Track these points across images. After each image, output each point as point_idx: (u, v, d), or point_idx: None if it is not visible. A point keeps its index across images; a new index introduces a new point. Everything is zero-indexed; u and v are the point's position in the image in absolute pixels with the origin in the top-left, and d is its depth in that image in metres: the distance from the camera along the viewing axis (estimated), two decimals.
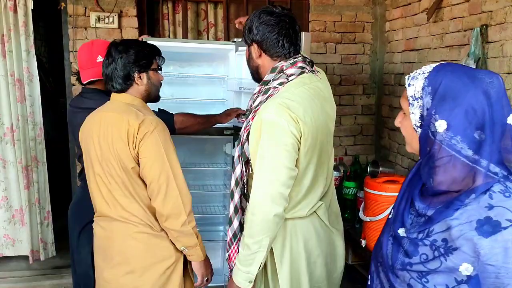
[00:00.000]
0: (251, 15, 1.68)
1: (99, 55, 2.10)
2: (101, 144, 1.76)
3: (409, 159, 3.22)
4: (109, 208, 1.78)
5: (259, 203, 1.53)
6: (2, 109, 3.18)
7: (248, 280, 1.58)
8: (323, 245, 1.71)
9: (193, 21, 3.52)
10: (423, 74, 1.05)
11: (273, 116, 1.51)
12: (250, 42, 1.68)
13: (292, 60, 1.64)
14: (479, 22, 2.44)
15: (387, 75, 3.54)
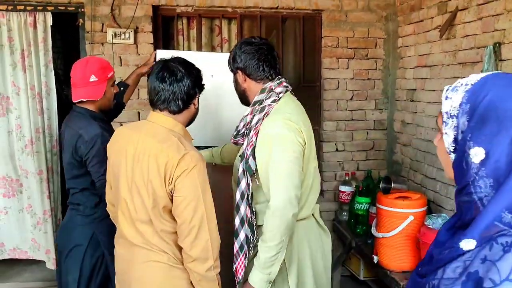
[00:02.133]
0: (234, 47, 1.94)
1: (92, 75, 2.10)
2: (134, 169, 1.66)
3: (422, 175, 3.21)
4: (131, 234, 1.71)
5: (280, 208, 1.71)
6: (22, 122, 3.27)
7: (268, 281, 1.74)
8: (318, 242, 1.97)
9: (207, 37, 3.58)
10: (465, 86, 0.86)
11: (282, 129, 1.74)
12: (235, 70, 1.92)
13: (278, 80, 1.88)
14: (492, 40, 2.45)
15: (399, 91, 3.55)
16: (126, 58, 3.31)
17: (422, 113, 3.20)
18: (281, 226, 1.70)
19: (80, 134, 2.08)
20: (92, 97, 2.13)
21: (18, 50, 3.19)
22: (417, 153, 3.29)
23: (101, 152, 2.05)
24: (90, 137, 2.06)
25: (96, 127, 2.10)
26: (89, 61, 2.17)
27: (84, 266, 2.16)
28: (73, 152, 2.10)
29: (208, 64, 2.87)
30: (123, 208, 1.72)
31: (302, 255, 1.91)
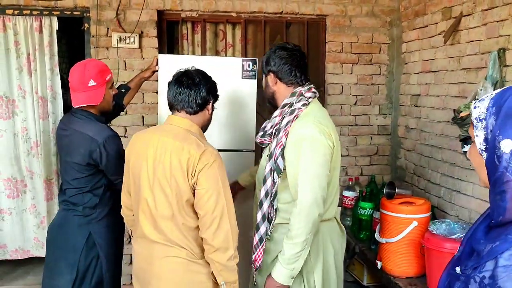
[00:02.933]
0: (268, 51, 2.02)
1: (91, 79, 2.08)
2: (156, 168, 1.76)
3: (426, 180, 3.21)
4: (151, 231, 1.79)
5: (309, 207, 1.79)
6: (28, 125, 3.31)
7: (292, 276, 1.82)
8: (340, 242, 2.06)
9: (211, 42, 3.60)
10: (490, 96, 0.98)
11: (313, 132, 1.82)
12: (267, 72, 1.99)
13: (307, 86, 1.97)
14: (497, 45, 2.45)
15: (403, 96, 3.55)
16: (131, 63, 3.33)
17: (426, 118, 3.20)
18: (307, 225, 1.79)
19: (90, 136, 2.08)
20: (92, 102, 2.13)
21: (24, 54, 3.22)
22: (421, 158, 3.28)
23: (118, 152, 2.10)
24: (103, 139, 2.08)
25: (108, 130, 2.15)
26: (86, 65, 2.14)
27: (79, 267, 2.15)
28: (86, 155, 2.08)
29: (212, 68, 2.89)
30: (144, 208, 1.80)
31: (327, 254, 1.98)
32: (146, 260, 1.83)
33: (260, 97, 3.20)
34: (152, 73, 2.81)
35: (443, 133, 2.99)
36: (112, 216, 2.24)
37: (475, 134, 0.97)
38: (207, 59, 3.15)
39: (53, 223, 2.28)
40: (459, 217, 2.79)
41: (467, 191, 2.72)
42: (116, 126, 3.34)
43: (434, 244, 2.43)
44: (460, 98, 2.76)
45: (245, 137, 2.94)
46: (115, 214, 2.23)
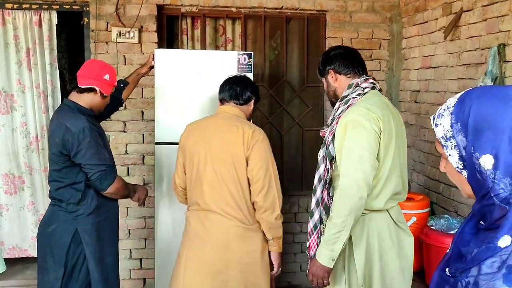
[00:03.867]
0: (322, 56, 2.14)
1: (107, 74, 2.22)
2: (213, 147, 2.15)
3: (425, 176, 3.21)
4: (211, 201, 2.15)
5: (347, 187, 1.81)
6: (28, 120, 3.30)
7: (331, 258, 1.83)
8: (393, 240, 1.96)
9: (211, 37, 3.59)
10: (448, 110, 0.93)
11: (357, 116, 1.85)
12: (326, 71, 2.09)
13: (364, 77, 2.04)
14: (497, 41, 2.44)
15: (403, 92, 3.54)
16: (130, 57, 3.33)
17: (425, 114, 3.19)
18: (346, 206, 1.80)
19: (66, 127, 2.08)
20: (103, 90, 2.21)
21: (24, 49, 3.22)
22: (421, 154, 3.28)
23: (92, 144, 2.09)
24: (78, 130, 2.07)
25: (83, 120, 2.12)
26: (106, 65, 2.29)
27: (67, 264, 2.14)
28: (60, 145, 2.09)
29: (208, 62, 2.89)
30: (205, 183, 2.16)
31: (371, 247, 1.93)
32: (203, 229, 2.17)
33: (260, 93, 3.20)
34: (149, 68, 2.82)
35: None
36: (101, 213, 2.23)
37: (447, 154, 0.94)
38: (203, 53, 3.15)
39: (42, 219, 2.29)
40: (458, 213, 2.79)
41: None
42: (115, 121, 3.34)
43: (433, 239, 2.44)
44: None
45: None
46: (104, 211, 2.24)
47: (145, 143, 3.40)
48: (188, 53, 3.13)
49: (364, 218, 1.90)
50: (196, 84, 2.87)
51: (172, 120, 2.90)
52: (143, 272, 3.51)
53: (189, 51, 3.30)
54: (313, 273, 1.87)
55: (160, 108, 2.89)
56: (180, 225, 2.98)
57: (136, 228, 3.46)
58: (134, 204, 3.43)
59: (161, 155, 2.92)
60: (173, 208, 2.96)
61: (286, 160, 3.75)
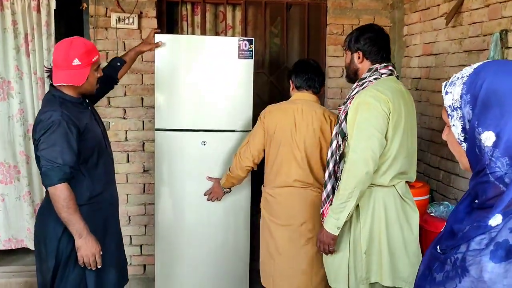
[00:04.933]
0: (356, 30, 2.22)
1: (76, 58, 1.98)
2: (301, 126, 2.45)
3: (425, 164, 3.20)
4: (298, 177, 2.46)
5: (355, 162, 1.95)
6: (26, 107, 3.27)
7: (337, 226, 1.99)
8: (399, 213, 2.07)
9: (211, 23, 3.56)
10: (461, 79, 0.91)
11: (368, 97, 1.97)
12: (355, 50, 2.15)
13: (385, 63, 2.13)
14: (499, 27, 2.42)
15: (404, 80, 3.52)
16: (130, 43, 3.30)
17: (426, 101, 3.18)
18: (353, 179, 1.94)
19: (40, 118, 1.99)
20: (74, 82, 2.01)
21: (22, 34, 3.18)
22: (421, 142, 3.27)
23: (52, 138, 1.94)
24: (47, 122, 1.95)
25: (57, 114, 1.96)
26: (73, 42, 2.02)
27: (58, 255, 2.05)
28: (33, 135, 2.03)
29: (208, 48, 2.87)
30: (293, 159, 2.45)
31: (377, 221, 2.05)
32: (288, 199, 2.50)
33: (259, 79, 3.19)
34: (151, 47, 2.77)
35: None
36: (94, 203, 2.11)
37: (451, 123, 0.93)
38: (204, 38, 3.12)
39: (39, 208, 2.23)
40: (458, 200, 2.79)
41: (466, 174, 2.72)
42: (115, 108, 3.34)
43: (432, 226, 2.45)
44: None
45: (242, 118, 2.93)
46: (98, 201, 2.14)
47: (145, 129, 3.39)
48: (189, 38, 3.11)
49: (371, 191, 2.04)
50: (197, 70, 2.86)
51: (172, 107, 2.89)
52: (143, 258, 3.52)
53: (190, 37, 3.28)
54: (320, 240, 2.06)
55: (160, 95, 2.88)
56: (180, 212, 2.99)
57: (136, 214, 3.47)
58: (134, 191, 3.44)
59: (161, 141, 2.92)
60: (173, 195, 2.97)
61: None
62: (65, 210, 1.96)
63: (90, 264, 2.02)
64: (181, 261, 3.00)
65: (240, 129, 2.94)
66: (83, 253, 2.00)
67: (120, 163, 3.32)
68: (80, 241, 1.99)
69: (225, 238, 3.06)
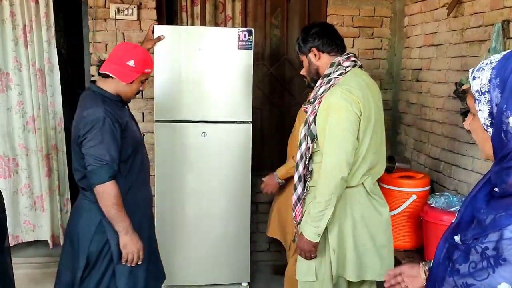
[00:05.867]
0: (300, 33, 2.14)
1: (132, 60, 2.02)
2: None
3: (425, 155, 3.20)
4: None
5: (331, 169, 1.91)
6: (25, 99, 3.26)
7: (317, 233, 1.95)
8: (364, 209, 2.06)
9: (211, 14, 3.54)
10: (490, 64, 0.91)
11: (339, 99, 1.91)
12: (308, 50, 2.09)
13: (346, 55, 2.07)
14: (501, 17, 2.41)
15: (404, 71, 3.51)
16: (129, 35, 3.28)
17: (427, 93, 3.17)
18: (329, 186, 1.91)
19: (83, 116, 1.98)
20: (120, 77, 2.02)
21: (20, 26, 3.17)
22: (421, 133, 3.27)
23: (98, 136, 1.93)
24: (91, 119, 1.94)
25: (100, 110, 1.97)
26: (137, 46, 2.12)
27: (90, 255, 2.04)
28: (75, 133, 2.00)
29: (207, 39, 2.86)
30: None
31: (343, 222, 2.04)
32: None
33: (260, 70, 3.18)
34: (153, 43, 2.77)
35: (444, 107, 2.97)
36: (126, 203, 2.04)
37: (477, 108, 0.92)
38: (203, 29, 3.11)
39: (73, 207, 2.20)
40: (458, 192, 2.79)
41: (467, 165, 2.71)
42: None
43: (433, 217, 2.45)
44: (462, 72, 2.73)
45: (242, 109, 2.93)
46: (131, 202, 2.08)
47: (145, 121, 3.38)
48: (188, 29, 3.09)
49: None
50: (196, 61, 2.85)
51: (172, 98, 2.88)
52: None
53: (189, 28, 3.26)
54: (302, 248, 2.01)
55: (160, 86, 2.87)
56: (180, 203, 2.99)
57: None
58: None
59: (161, 133, 2.91)
60: (174, 187, 2.97)
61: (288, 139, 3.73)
62: (114, 207, 1.96)
63: (134, 260, 2.03)
64: (182, 252, 3.01)
65: (240, 120, 2.93)
66: (129, 250, 2.01)
67: None
68: (126, 238, 2.00)
69: (226, 229, 3.06)
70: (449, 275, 0.95)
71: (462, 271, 0.92)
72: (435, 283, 1.02)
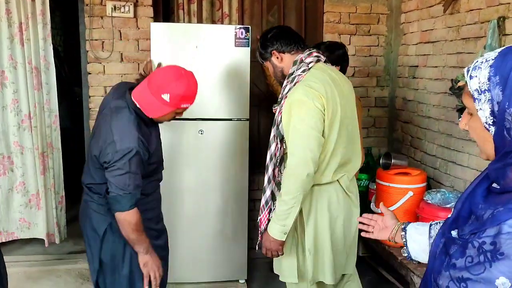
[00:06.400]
0: (258, 41, 2.12)
1: (168, 94, 1.83)
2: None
3: (422, 152, 3.21)
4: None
5: (295, 166, 1.87)
6: (20, 96, 3.24)
7: (284, 232, 1.92)
8: (341, 208, 2.04)
9: (208, 11, 3.53)
10: (487, 62, 0.90)
11: (301, 95, 1.88)
12: (270, 54, 2.07)
13: (308, 51, 2.02)
14: (497, 14, 2.42)
15: (401, 68, 3.52)
16: (126, 32, 3.28)
17: (423, 89, 3.18)
18: (295, 183, 1.87)
19: (114, 140, 1.85)
20: (147, 110, 1.89)
21: (16, 23, 3.15)
22: (418, 130, 3.28)
23: (126, 166, 1.84)
24: (122, 149, 1.83)
25: (134, 140, 1.85)
26: (179, 79, 1.85)
27: (103, 256, 2.01)
28: (100, 151, 1.89)
29: (205, 36, 2.85)
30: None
31: (320, 218, 2.02)
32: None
33: (257, 68, 3.17)
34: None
35: (440, 104, 2.98)
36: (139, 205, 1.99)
37: (477, 107, 0.89)
38: (200, 26, 3.11)
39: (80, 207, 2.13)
40: (454, 188, 2.80)
41: (463, 161, 2.73)
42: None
43: (429, 213, 2.46)
44: (458, 68, 2.74)
45: (239, 106, 2.93)
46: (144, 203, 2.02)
47: None
48: (185, 27, 3.09)
49: (313, 190, 1.98)
50: (193, 59, 2.84)
51: None
52: None
53: (186, 25, 3.25)
54: (267, 247, 1.99)
55: None
56: (178, 200, 2.99)
57: None
58: None
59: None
60: (171, 184, 2.97)
61: None
62: (134, 233, 1.92)
63: (156, 277, 1.99)
64: (180, 249, 3.01)
65: (238, 117, 2.93)
66: (150, 268, 1.98)
67: None
68: (147, 257, 1.97)
69: (223, 226, 3.07)
70: (445, 269, 0.95)
71: (458, 265, 0.91)
72: (431, 276, 1.02)
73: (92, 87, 3.31)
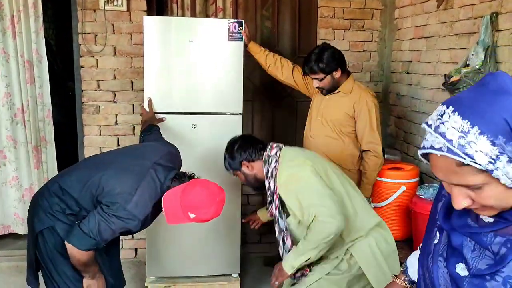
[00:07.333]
0: (225, 153, 2.25)
1: (195, 215, 1.90)
2: None
3: (415, 147, 3.22)
4: None
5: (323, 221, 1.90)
6: (13, 90, 3.22)
7: (292, 266, 1.99)
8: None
9: (201, 5, 3.51)
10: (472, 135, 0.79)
11: (288, 172, 2.03)
12: (239, 164, 2.19)
13: (268, 147, 2.17)
14: (490, 9, 2.42)
15: (395, 63, 3.52)
16: (119, 26, 3.26)
17: (417, 85, 3.19)
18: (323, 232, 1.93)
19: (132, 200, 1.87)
20: (168, 215, 1.93)
21: (8, 16, 3.12)
22: (411, 125, 3.29)
23: (114, 224, 1.85)
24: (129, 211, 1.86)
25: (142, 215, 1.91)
26: (213, 207, 1.94)
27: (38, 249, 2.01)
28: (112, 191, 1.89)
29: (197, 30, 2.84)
30: None
31: None
32: None
33: (250, 62, 3.17)
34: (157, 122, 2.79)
35: (433, 99, 2.99)
36: None
37: (499, 175, 0.79)
38: (193, 20, 3.09)
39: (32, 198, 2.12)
40: None
41: None
42: (105, 91, 3.30)
43: (421, 208, 2.47)
44: (451, 64, 2.74)
45: (232, 100, 2.92)
46: None
47: (135, 113, 3.36)
48: (178, 20, 3.07)
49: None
50: (186, 53, 2.83)
51: (162, 90, 2.87)
52: (134, 242, 3.53)
53: (179, 19, 3.24)
54: (275, 273, 2.08)
55: (150, 78, 2.85)
56: None
57: None
58: None
59: None
60: None
61: (278, 131, 3.74)
62: (82, 267, 1.95)
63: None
64: (173, 244, 3.01)
65: (231, 112, 2.92)
66: None
67: (110, 147, 3.29)
68: (92, 281, 2.01)
69: (216, 220, 3.05)
70: None
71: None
72: None
73: (84, 81, 3.29)
